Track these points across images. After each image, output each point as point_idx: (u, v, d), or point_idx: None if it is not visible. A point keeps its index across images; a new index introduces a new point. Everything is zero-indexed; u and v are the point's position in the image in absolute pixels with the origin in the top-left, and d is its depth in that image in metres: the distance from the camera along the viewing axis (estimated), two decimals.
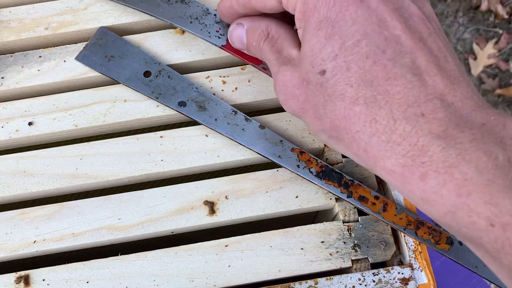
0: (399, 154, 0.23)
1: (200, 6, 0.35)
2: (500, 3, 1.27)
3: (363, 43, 0.24)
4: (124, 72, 0.35)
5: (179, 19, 0.35)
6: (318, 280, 0.31)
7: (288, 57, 0.28)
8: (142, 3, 0.36)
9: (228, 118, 0.34)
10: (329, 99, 0.25)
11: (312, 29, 0.25)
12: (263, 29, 0.30)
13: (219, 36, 0.34)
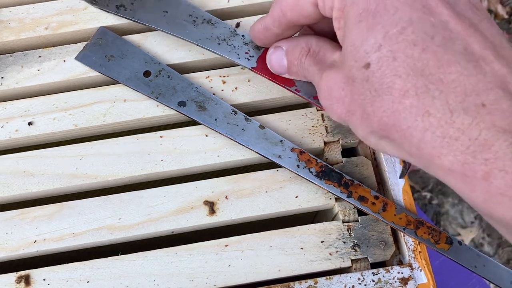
0: (458, 150, 0.21)
1: (227, 27, 0.34)
2: (500, 3, 1.27)
3: (409, 30, 0.22)
4: (124, 72, 0.35)
5: (207, 41, 0.34)
6: (317, 280, 0.31)
7: (330, 62, 0.27)
8: (167, 24, 0.35)
9: (228, 118, 0.34)
10: (376, 95, 0.23)
11: (352, 22, 0.24)
12: (303, 45, 0.29)
13: (248, 58, 0.33)
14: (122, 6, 0.36)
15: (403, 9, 0.23)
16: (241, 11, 0.38)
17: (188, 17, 0.35)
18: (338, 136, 0.34)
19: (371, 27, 0.23)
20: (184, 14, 0.35)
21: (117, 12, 0.36)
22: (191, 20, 0.35)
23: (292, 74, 0.31)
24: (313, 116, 0.35)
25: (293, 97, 0.36)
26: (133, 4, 0.36)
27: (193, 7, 0.35)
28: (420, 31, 0.22)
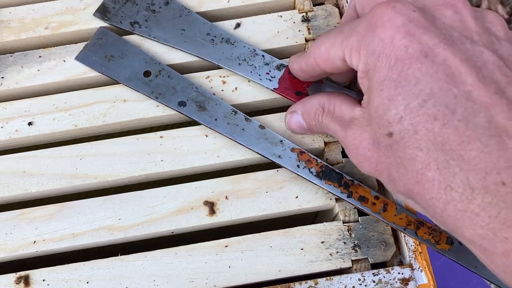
0: (478, 225, 0.21)
1: (246, 47, 0.34)
2: (500, 3, 1.27)
3: (430, 104, 0.22)
4: (124, 72, 0.35)
5: (227, 61, 0.34)
6: (318, 281, 0.31)
7: (351, 119, 0.27)
8: (186, 43, 0.35)
9: (228, 118, 0.34)
10: (401, 162, 0.23)
11: (375, 89, 0.24)
12: (317, 106, 0.30)
13: (270, 78, 0.33)
14: (137, 23, 0.36)
15: (424, 80, 0.22)
16: (241, 11, 0.38)
17: (206, 36, 0.35)
18: None
19: (393, 98, 0.23)
20: (201, 32, 0.35)
21: (132, 29, 0.36)
22: (209, 39, 0.35)
23: (314, 132, 0.32)
24: None
25: None
26: (148, 21, 0.36)
27: (210, 25, 0.35)
28: (441, 104, 0.22)
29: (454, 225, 0.22)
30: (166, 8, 0.36)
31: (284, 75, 0.33)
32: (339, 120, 0.28)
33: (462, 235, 0.22)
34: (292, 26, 0.37)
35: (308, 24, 0.37)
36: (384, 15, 0.23)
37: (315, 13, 0.37)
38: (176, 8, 0.36)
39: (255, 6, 0.38)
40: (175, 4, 0.36)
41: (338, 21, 0.37)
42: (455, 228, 0.22)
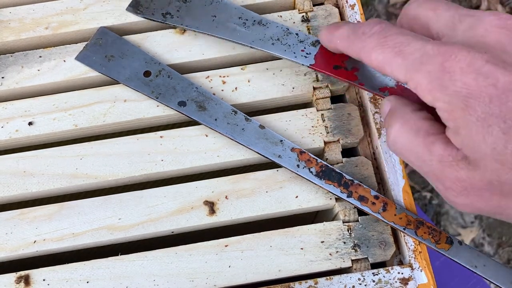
0: None
1: (279, 27, 0.34)
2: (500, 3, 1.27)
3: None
4: (124, 72, 0.35)
5: (260, 42, 0.34)
6: (318, 280, 0.31)
7: (446, 156, 0.25)
8: (217, 29, 0.35)
9: (228, 118, 0.34)
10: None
11: (479, 127, 0.23)
12: (404, 113, 0.27)
13: (305, 55, 0.33)
14: (169, 14, 0.36)
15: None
16: None
17: (238, 20, 0.35)
18: (338, 136, 0.34)
19: (507, 131, 0.23)
20: (233, 17, 0.35)
21: (164, 20, 0.36)
22: (241, 22, 0.35)
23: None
24: (313, 116, 0.35)
25: (293, 97, 0.36)
26: (179, 11, 0.36)
27: (241, 9, 0.35)
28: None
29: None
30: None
31: (320, 51, 0.33)
32: (427, 148, 0.26)
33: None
34: (292, 26, 0.37)
35: (308, 24, 0.37)
36: (460, 61, 0.23)
37: (315, 13, 0.37)
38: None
39: (255, 6, 0.38)
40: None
41: (338, 21, 0.37)
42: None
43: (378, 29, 0.27)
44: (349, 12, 0.37)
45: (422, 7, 0.28)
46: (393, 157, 0.34)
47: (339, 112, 0.35)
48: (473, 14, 0.26)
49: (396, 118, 0.27)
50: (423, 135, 0.26)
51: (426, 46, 0.25)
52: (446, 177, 0.25)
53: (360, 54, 0.27)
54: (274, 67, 0.36)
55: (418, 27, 0.28)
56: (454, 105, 0.23)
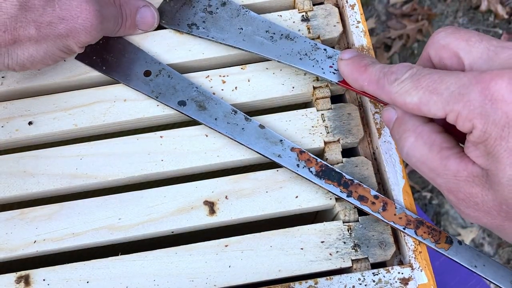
0: None
1: (307, 42, 0.34)
2: (500, 3, 1.27)
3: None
4: (124, 71, 0.35)
5: (287, 57, 0.33)
6: (318, 280, 0.31)
7: (461, 171, 0.26)
8: (244, 42, 0.34)
9: (228, 118, 0.34)
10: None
11: (505, 157, 0.23)
12: (416, 126, 0.28)
13: (333, 71, 0.33)
14: (194, 25, 0.36)
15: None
16: None
17: (265, 33, 0.34)
18: (338, 136, 0.34)
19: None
20: (260, 30, 0.35)
21: (190, 31, 0.36)
22: (269, 36, 0.34)
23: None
24: (313, 116, 0.35)
25: (293, 97, 0.36)
26: (205, 22, 0.36)
27: (269, 22, 0.35)
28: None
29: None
30: (223, 9, 0.36)
31: None
32: (442, 165, 0.27)
33: None
34: (292, 25, 0.37)
35: (307, 23, 0.37)
36: (502, 89, 0.23)
37: (315, 13, 0.37)
38: (233, 8, 0.36)
39: (254, 5, 0.38)
40: (232, 5, 0.36)
41: (337, 21, 0.37)
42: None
43: (410, 73, 0.27)
44: (349, 12, 0.37)
45: (453, 37, 0.27)
46: (393, 157, 0.34)
47: (339, 112, 0.35)
48: (509, 46, 0.25)
49: (408, 132, 0.28)
50: (437, 149, 0.26)
51: (461, 78, 0.25)
52: (459, 191, 0.26)
53: (393, 99, 0.27)
54: (274, 67, 0.36)
55: (447, 56, 0.27)
56: (490, 133, 0.24)
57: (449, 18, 1.28)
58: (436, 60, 0.28)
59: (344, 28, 0.38)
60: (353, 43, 0.37)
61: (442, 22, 1.27)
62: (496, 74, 0.24)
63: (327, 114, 0.35)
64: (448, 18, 1.28)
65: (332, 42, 0.37)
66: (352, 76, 0.30)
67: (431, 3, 1.29)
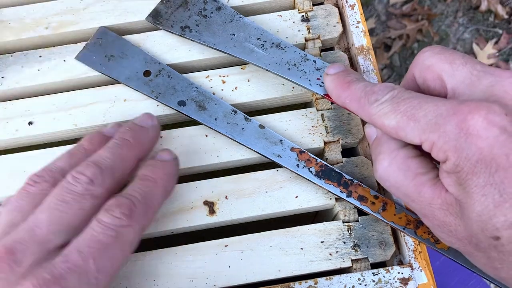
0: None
1: (297, 52, 0.33)
2: (500, 3, 1.27)
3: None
4: (124, 71, 0.35)
5: (276, 66, 0.33)
6: (318, 280, 0.31)
7: (436, 199, 0.26)
8: (235, 48, 0.34)
9: (227, 118, 0.34)
10: (506, 260, 0.23)
11: (475, 193, 0.23)
12: (392, 150, 0.27)
13: (320, 84, 0.32)
14: (188, 28, 0.35)
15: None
16: (241, 11, 0.38)
17: (257, 41, 0.34)
18: (338, 136, 0.34)
19: (500, 205, 0.23)
20: (252, 37, 0.34)
21: (183, 33, 0.35)
22: (260, 43, 0.34)
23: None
24: (313, 116, 0.35)
25: (293, 97, 0.36)
26: (198, 25, 0.35)
27: (261, 30, 0.35)
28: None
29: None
30: (217, 13, 0.36)
31: None
32: (418, 190, 0.26)
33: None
34: (292, 25, 0.37)
35: (307, 23, 0.37)
36: (478, 124, 0.23)
37: (315, 13, 0.37)
38: (228, 13, 0.36)
39: (254, 5, 0.38)
40: (227, 10, 0.36)
41: (337, 21, 0.37)
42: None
43: (390, 95, 0.26)
44: (349, 12, 0.37)
45: (437, 58, 0.27)
46: None
47: (339, 112, 0.35)
48: (492, 72, 0.25)
49: (383, 154, 0.27)
50: (412, 176, 0.26)
51: (440, 107, 0.24)
52: (434, 218, 0.26)
53: (372, 120, 0.27)
54: None
55: (431, 78, 0.27)
56: (463, 167, 0.23)
57: (449, 18, 1.28)
58: (420, 81, 0.28)
59: (344, 28, 0.38)
60: (353, 43, 0.37)
61: (442, 22, 1.27)
62: (474, 107, 0.23)
63: (327, 114, 0.35)
64: (448, 18, 1.28)
65: (332, 42, 0.37)
66: (336, 92, 0.30)
67: (431, 3, 1.29)
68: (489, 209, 0.23)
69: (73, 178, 0.27)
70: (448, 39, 1.25)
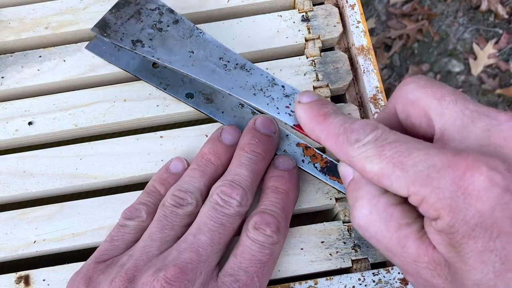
0: None
1: (264, 75, 0.30)
2: (500, 3, 1.27)
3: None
4: (133, 62, 0.35)
5: (240, 90, 0.30)
6: (318, 280, 0.31)
7: (422, 256, 0.23)
8: (193, 67, 0.31)
9: (234, 111, 0.34)
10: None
11: (471, 259, 0.20)
12: (372, 196, 0.24)
13: (289, 113, 0.29)
14: (139, 42, 0.32)
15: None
16: (241, 11, 0.38)
17: (219, 60, 0.31)
18: None
19: (501, 274, 0.20)
20: (213, 56, 0.31)
21: (134, 48, 0.32)
22: (222, 64, 0.31)
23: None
24: None
25: None
26: (152, 40, 0.32)
27: (224, 48, 0.31)
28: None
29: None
30: (174, 27, 0.32)
31: None
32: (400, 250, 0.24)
33: None
34: (292, 25, 0.37)
35: (307, 23, 0.37)
36: (478, 183, 0.20)
37: (315, 13, 0.37)
38: (186, 27, 0.32)
39: (255, 5, 0.38)
40: (185, 24, 0.32)
41: (337, 21, 0.37)
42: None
43: (373, 137, 0.23)
44: (349, 12, 0.37)
45: (423, 92, 0.24)
46: None
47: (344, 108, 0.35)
48: (487, 113, 0.22)
49: (362, 201, 0.24)
50: (395, 227, 0.23)
51: (432, 157, 0.21)
52: (419, 276, 0.23)
53: (350, 161, 0.24)
54: (274, 67, 0.36)
55: (416, 114, 0.24)
56: (458, 229, 0.21)
57: (449, 18, 1.28)
58: (403, 116, 0.25)
59: (344, 28, 0.38)
60: (353, 43, 0.37)
61: (442, 22, 1.27)
62: (473, 162, 0.20)
63: None
64: (448, 18, 1.28)
65: (332, 42, 0.37)
66: (309, 125, 0.26)
67: (431, 3, 1.29)
68: (489, 278, 0.20)
69: (223, 201, 0.29)
70: (448, 39, 1.25)
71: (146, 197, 0.31)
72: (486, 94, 1.20)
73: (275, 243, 0.28)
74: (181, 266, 0.27)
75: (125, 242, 0.30)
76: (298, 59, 0.36)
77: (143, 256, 0.28)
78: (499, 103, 1.19)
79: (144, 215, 0.30)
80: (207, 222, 0.28)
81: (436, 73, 1.22)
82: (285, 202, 0.30)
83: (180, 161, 0.33)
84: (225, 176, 0.30)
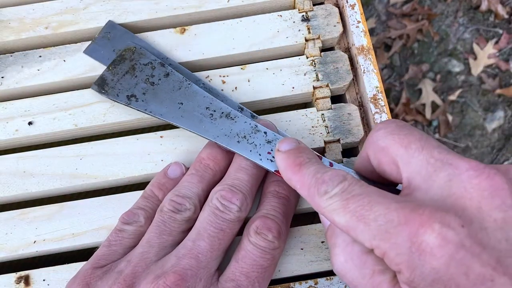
0: None
1: (247, 123, 0.32)
2: (500, 3, 1.27)
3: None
4: None
5: (225, 138, 0.31)
6: (318, 280, 0.31)
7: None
8: (183, 118, 0.32)
9: None
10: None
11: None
12: (346, 243, 0.25)
13: (271, 159, 0.30)
14: (134, 96, 0.33)
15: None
16: (241, 11, 0.38)
17: (205, 110, 0.32)
18: (338, 136, 0.34)
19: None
20: (201, 106, 0.33)
21: (129, 103, 0.33)
22: (209, 113, 0.32)
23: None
24: (313, 116, 0.35)
25: (293, 97, 0.36)
26: (145, 94, 0.33)
27: (210, 98, 0.33)
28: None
29: None
30: (165, 80, 0.34)
31: None
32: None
33: None
34: (292, 25, 0.37)
35: (308, 23, 0.37)
36: (430, 239, 0.21)
37: (315, 13, 0.37)
38: (176, 80, 0.34)
39: (255, 5, 0.38)
40: (175, 76, 0.34)
41: (338, 21, 0.37)
42: None
43: (340, 189, 0.24)
44: (349, 11, 0.37)
45: (391, 139, 0.24)
46: None
47: (339, 112, 0.35)
48: (450, 161, 0.23)
49: (338, 249, 0.25)
50: (369, 274, 0.24)
51: (391, 212, 0.22)
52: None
53: (323, 213, 0.25)
54: (274, 67, 0.36)
55: (386, 161, 0.25)
56: (418, 284, 0.21)
57: (449, 18, 1.28)
58: (375, 162, 0.26)
59: (344, 28, 0.38)
60: (353, 43, 0.37)
61: (442, 22, 1.27)
62: (427, 218, 0.21)
63: (327, 114, 0.35)
64: (448, 18, 1.28)
65: (332, 42, 0.37)
66: (286, 174, 0.27)
67: (431, 3, 1.29)
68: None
69: (223, 206, 0.29)
70: (448, 39, 1.25)
71: (144, 202, 0.31)
72: (486, 94, 1.20)
73: (276, 248, 0.28)
74: (180, 273, 0.27)
75: (123, 247, 0.30)
76: (298, 59, 0.36)
77: (141, 262, 0.28)
78: (499, 103, 1.20)
79: (142, 220, 0.30)
80: (206, 228, 0.28)
81: (436, 73, 1.22)
82: (286, 207, 0.30)
83: (178, 166, 0.32)
84: (224, 180, 0.30)
